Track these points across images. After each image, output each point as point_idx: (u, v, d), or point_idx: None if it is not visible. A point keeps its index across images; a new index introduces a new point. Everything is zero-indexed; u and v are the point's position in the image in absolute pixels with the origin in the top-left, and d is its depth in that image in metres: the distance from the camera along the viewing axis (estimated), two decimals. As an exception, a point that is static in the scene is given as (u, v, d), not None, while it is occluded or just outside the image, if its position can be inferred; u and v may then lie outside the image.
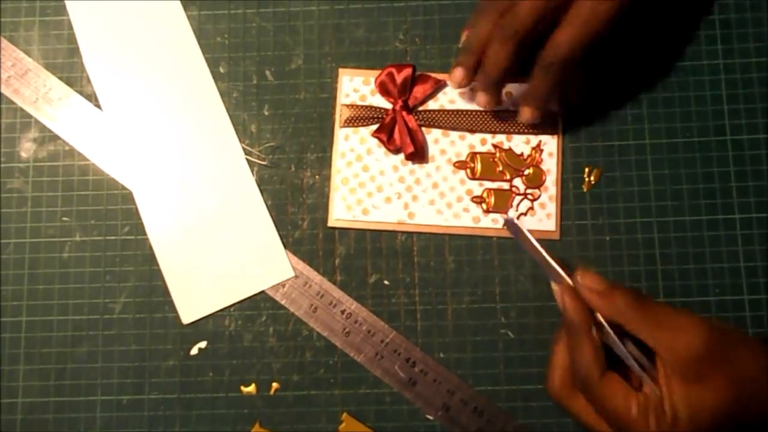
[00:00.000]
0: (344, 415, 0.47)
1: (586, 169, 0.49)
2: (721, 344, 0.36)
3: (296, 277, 0.49)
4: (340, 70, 0.51)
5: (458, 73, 0.47)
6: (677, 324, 0.37)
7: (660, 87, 0.50)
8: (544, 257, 0.42)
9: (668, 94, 0.50)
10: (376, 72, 0.50)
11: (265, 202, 0.50)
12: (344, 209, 0.49)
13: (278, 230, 0.49)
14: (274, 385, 0.48)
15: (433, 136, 0.50)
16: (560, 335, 0.42)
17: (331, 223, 0.49)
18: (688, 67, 0.50)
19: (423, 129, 0.50)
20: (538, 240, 0.43)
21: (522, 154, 0.50)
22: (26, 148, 0.51)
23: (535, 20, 0.42)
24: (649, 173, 0.49)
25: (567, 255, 0.48)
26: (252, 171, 0.50)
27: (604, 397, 0.38)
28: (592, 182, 0.49)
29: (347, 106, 0.50)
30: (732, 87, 0.50)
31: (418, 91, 0.50)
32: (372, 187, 0.50)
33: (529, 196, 0.49)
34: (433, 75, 0.50)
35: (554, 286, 0.41)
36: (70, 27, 0.52)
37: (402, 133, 0.49)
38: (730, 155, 0.49)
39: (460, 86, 0.47)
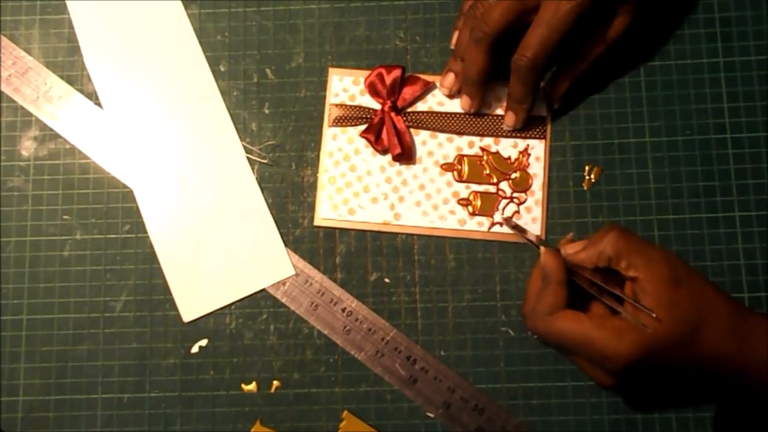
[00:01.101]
0: (345, 412, 0.47)
1: (587, 167, 0.50)
2: (689, 276, 0.42)
3: (297, 275, 0.49)
4: (330, 70, 0.51)
5: (450, 78, 0.49)
6: (653, 256, 0.42)
7: (660, 85, 0.50)
8: (534, 242, 0.46)
9: (668, 92, 0.50)
10: (366, 72, 0.50)
11: (266, 200, 0.50)
12: (330, 208, 0.49)
13: (279, 228, 0.49)
14: (275, 383, 0.48)
15: (421, 138, 0.50)
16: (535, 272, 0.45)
17: (317, 222, 0.49)
18: (688, 65, 0.50)
19: (411, 130, 0.50)
20: (525, 243, 0.45)
21: (509, 158, 0.50)
22: (27, 147, 0.51)
23: (506, 23, 0.45)
24: (649, 171, 0.49)
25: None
26: (252, 169, 0.50)
27: (553, 330, 0.42)
28: (593, 180, 0.49)
29: (336, 105, 0.50)
30: (732, 85, 0.50)
31: (407, 92, 0.50)
32: (359, 187, 0.50)
33: (515, 200, 0.49)
34: (423, 77, 0.50)
35: (542, 250, 0.44)
36: (71, 25, 0.52)
37: (390, 134, 0.49)
38: (730, 153, 0.49)
39: (452, 92, 0.49)
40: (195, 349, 0.48)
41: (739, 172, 0.49)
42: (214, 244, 0.49)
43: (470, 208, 0.49)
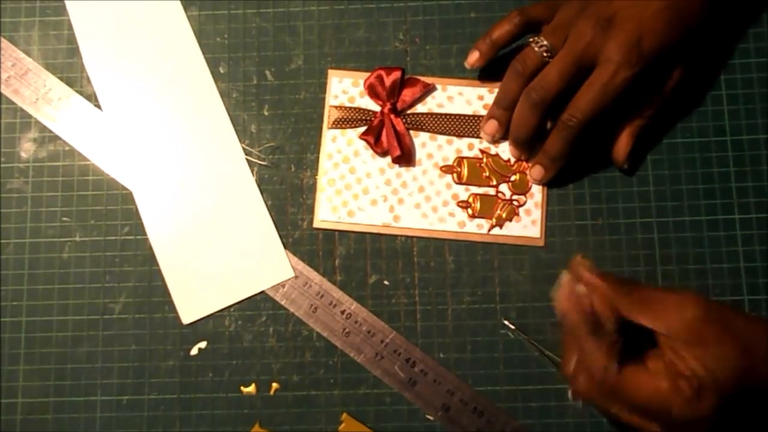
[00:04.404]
0: (344, 415, 0.47)
1: (586, 170, 0.50)
2: (714, 310, 0.38)
3: (296, 277, 0.49)
4: (330, 71, 0.51)
5: (493, 126, 0.48)
6: (669, 301, 0.39)
7: (660, 87, 0.50)
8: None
9: (668, 94, 0.50)
10: (366, 74, 0.50)
11: (265, 202, 0.50)
12: (330, 211, 0.49)
13: (278, 230, 0.49)
14: (274, 385, 0.48)
15: (420, 140, 0.50)
16: (567, 340, 0.41)
17: (316, 224, 0.49)
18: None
19: (411, 132, 0.50)
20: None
21: (509, 161, 0.50)
22: (26, 149, 0.51)
23: (564, 86, 0.44)
24: (649, 173, 0.49)
25: (566, 256, 0.48)
26: (252, 171, 0.50)
27: (630, 392, 0.38)
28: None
29: (336, 107, 0.50)
30: (731, 87, 0.50)
31: (407, 94, 0.50)
32: (358, 190, 0.50)
33: (515, 203, 0.49)
34: (422, 79, 0.50)
35: (556, 293, 0.40)
36: (70, 27, 0.52)
37: (389, 136, 0.49)
38: (730, 155, 0.49)
39: (493, 139, 0.49)
40: (194, 351, 0.48)
41: (738, 175, 0.49)
42: (214, 246, 0.49)
43: (470, 211, 0.49)
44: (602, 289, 0.39)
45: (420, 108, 0.50)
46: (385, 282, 0.49)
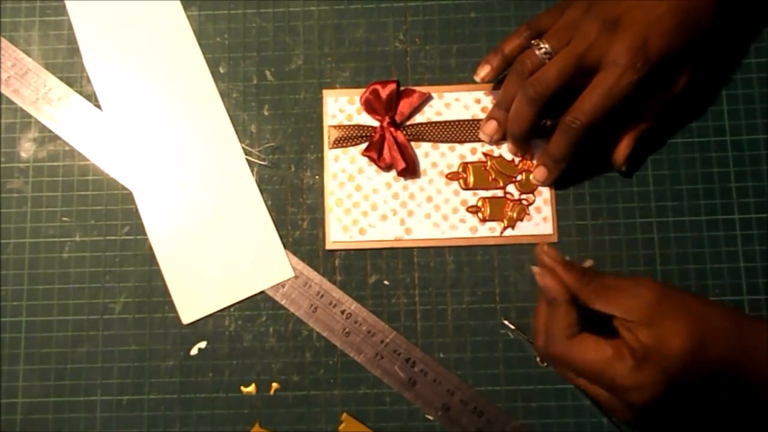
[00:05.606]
0: (344, 415, 0.47)
1: (586, 170, 0.50)
2: (669, 292, 0.40)
3: (296, 277, 0.49)
4: (324, 91, 0.51)
5: (492, 126, 0.48)
6: (626, 286, 0.41)
7: (660, 87, 0.50)
8: None
9: (668, 94, 0.50)
10: (361, 90, 0.50)
11: (265, 202, 0.50)
12: (341, 230, 0.49)
13: (278, 230, 0.49)
14: (274, 385, 0.48)
15: (423, 150, 0.50)
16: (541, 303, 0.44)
17: (328, 246, 0.49)
18: (687, 67, 0.50)
19: (412, 143, 0.50)
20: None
21: (513, 161, 0.50)
22: (26, 148, 0.51)
23: (562, 85, 0.44)
24: (649, 174, 0.49)
25: (566, 256, 0.48)
26: (252, 171, 0.50)
27: (576, 357, 0.40)
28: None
29: (334, 127, 0.50)
30: (732, 87, 0.50)
31: (404, 105, 0.50)
32: (366, 206, 0.49)
33: (524, 202, 0.49)
34: (418, 89, 0.50)
35: (534, 270, 0.42)
36: (70, 27, 0.52)
37: (392, 149, 0.49)
38: (730, 156, 0.49)
39: (492, 140, 0.49)
40: (194, 351, 0.48)
41: (738, 175, 0.49)
42: (214, 246, 0.49)
43: (480, 215, 0.49)
44: (565, 279, 0.41)
45: (419, 118, 0.50)
46: (385, 282, 0.49)
